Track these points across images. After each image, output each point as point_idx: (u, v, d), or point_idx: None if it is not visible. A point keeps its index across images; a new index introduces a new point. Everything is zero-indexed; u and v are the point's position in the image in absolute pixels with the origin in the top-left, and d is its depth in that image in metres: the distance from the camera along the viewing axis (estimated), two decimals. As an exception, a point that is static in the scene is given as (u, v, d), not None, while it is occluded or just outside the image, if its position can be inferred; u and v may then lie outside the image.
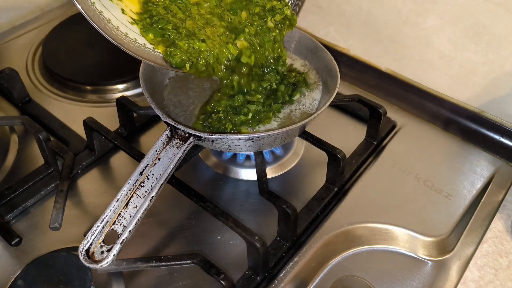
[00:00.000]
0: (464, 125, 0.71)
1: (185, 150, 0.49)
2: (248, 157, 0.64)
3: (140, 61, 0.53)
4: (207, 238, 0.56)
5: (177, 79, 0.64)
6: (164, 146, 0.50)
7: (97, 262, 0.42)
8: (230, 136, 0.51)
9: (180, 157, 0.49)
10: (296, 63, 0.67)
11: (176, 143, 0.50)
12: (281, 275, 0.51)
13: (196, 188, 0.54)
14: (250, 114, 0.57)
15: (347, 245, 0.55)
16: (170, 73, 0.65)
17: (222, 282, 0.45)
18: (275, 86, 0.60)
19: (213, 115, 0.56)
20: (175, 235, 0.56)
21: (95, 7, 0.47)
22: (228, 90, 0.58)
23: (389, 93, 0.76)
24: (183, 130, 0.50)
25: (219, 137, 0.50)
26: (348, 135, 0.70)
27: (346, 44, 0.81)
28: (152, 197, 0.46)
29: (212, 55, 0.53)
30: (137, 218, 0.44)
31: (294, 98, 0.61)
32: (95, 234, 0.44)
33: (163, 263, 0.47)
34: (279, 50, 0.60)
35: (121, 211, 0.45)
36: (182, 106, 0.61)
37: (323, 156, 0.59)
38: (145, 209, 0.45)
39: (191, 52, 0.52)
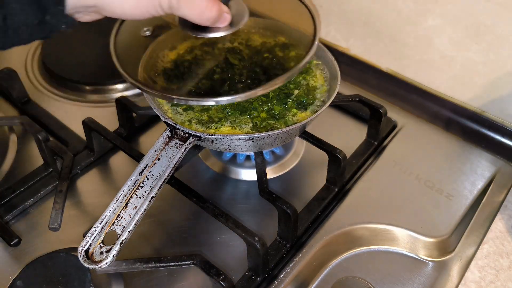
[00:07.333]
0: (465, 125, 0.70)
1: (184, 150, 0.49)
2: (248, 158, 0.64)
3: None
4: (207, 238, 0.56)
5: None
6: (164, 146, 0.50)
7: (96, 262, 0.42)
8: (230, 136, 0.50)
9: (179, 157, 0.49)
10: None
11: (176, 143, 0.50)
12: (281, 276, 0.51)
13: (196, 189, 0.53)
14: None
15: (347, 246, 0.55)
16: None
17: (222, 283, 0.45)
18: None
19: None
20: (175, 235, 0.56)
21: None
22: None
23: (389, 93, 0.76)
24: (182, 130, 0.50)
25: (219, 137, 0.50)
26: (348, 135, 0.70)
27: (346, 44, 0.81)
28: (152, 197, 0.45)
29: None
30: (137, 218, 0.44)
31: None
32: (94, 235, 0.43)
33: (163, 264, 0.47)
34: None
35: (120, 212, 0.45)
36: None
37: (323, 156, 0.59)
38: (145, 209, 0.45)
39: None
